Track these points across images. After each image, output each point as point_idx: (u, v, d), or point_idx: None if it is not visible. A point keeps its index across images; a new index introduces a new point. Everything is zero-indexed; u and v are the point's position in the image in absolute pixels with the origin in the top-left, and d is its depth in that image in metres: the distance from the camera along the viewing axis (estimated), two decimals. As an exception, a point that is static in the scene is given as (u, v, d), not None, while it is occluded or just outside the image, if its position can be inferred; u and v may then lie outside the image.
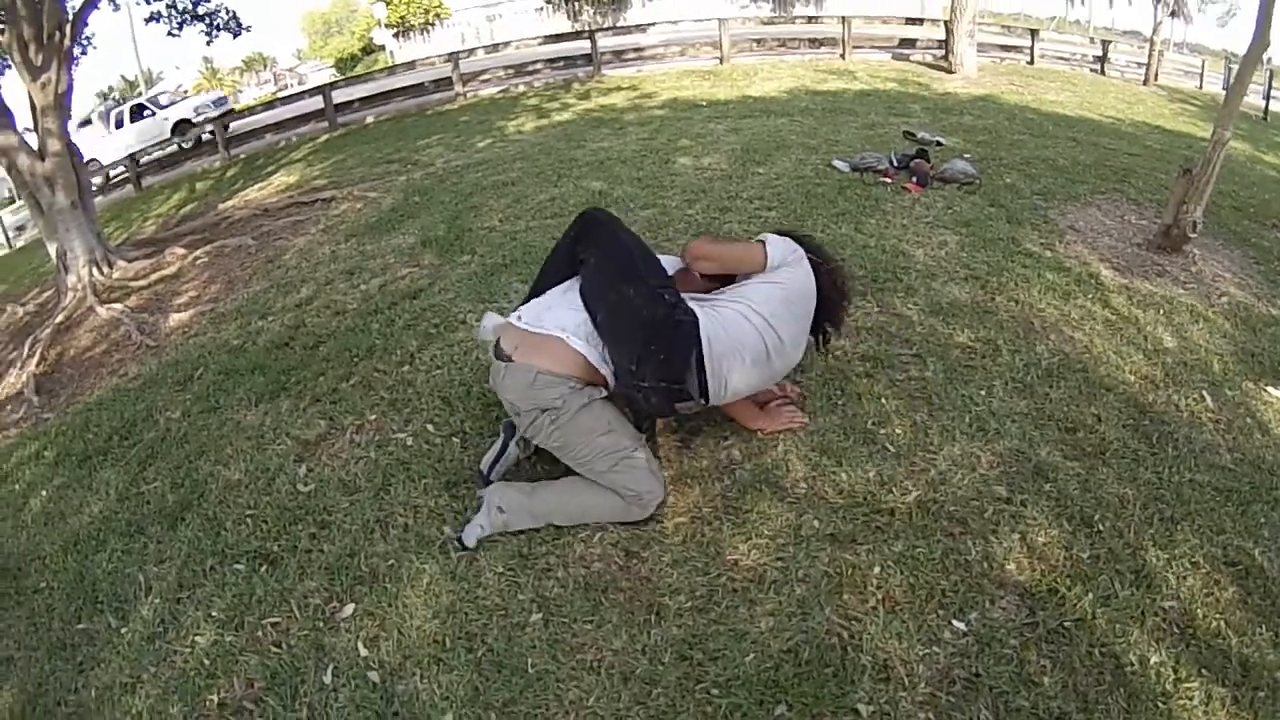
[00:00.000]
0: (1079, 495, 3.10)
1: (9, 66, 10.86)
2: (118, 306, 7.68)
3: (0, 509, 4.55)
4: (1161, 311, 4.64)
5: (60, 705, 2.98)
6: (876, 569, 2.79)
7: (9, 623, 3.53)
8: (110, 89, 70.18)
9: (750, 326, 3.03)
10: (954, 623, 2.59)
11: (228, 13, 16.04)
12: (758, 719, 2.37)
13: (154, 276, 8.59)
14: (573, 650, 2.66)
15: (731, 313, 3.04)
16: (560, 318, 3.09)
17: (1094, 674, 2.42)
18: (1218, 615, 2.61)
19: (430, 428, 3.95)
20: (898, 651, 2.51)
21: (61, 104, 9.25)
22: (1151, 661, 2.45)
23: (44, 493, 4.51)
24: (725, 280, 3.37)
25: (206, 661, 2.91)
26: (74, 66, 9.87)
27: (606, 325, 3.01)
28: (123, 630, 3.21)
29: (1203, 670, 2.42)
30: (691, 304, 3.04)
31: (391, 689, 2.64)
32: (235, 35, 16.20)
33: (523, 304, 3.38)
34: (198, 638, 3.03)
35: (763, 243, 3.30)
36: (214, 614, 3.11)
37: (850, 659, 2.50)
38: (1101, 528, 2.94)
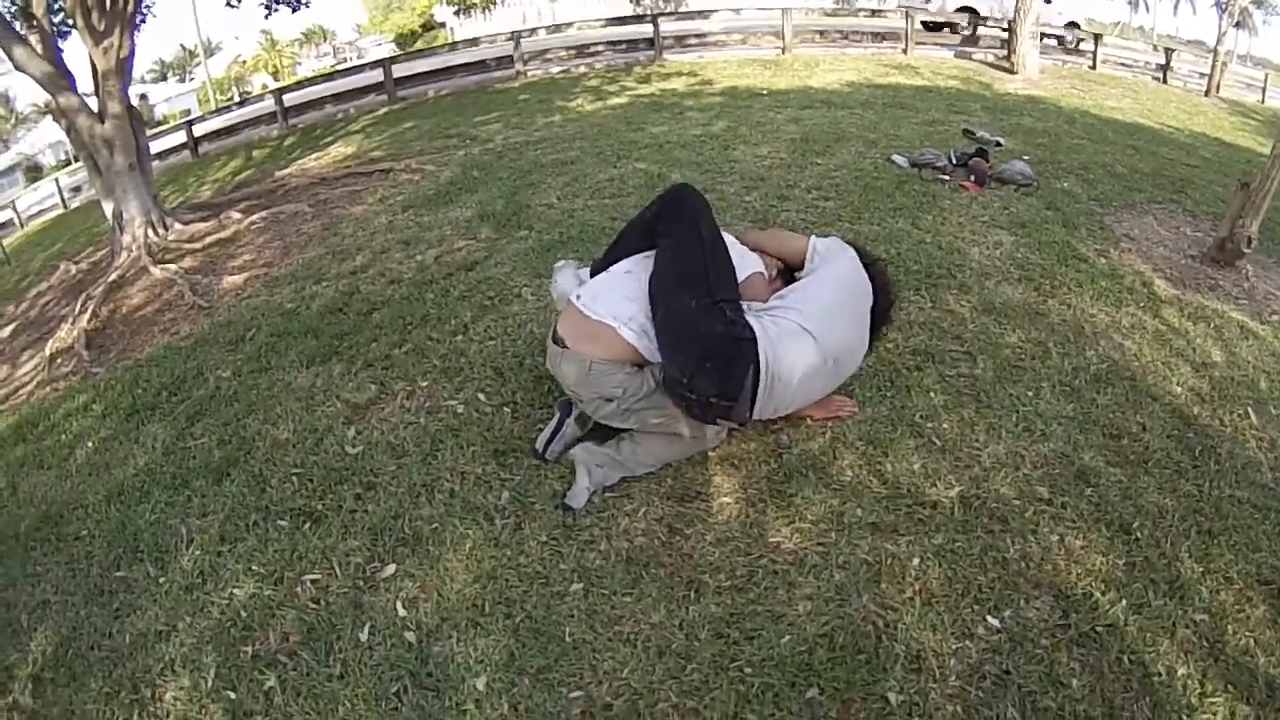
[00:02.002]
0: (1119, 502, 3.08)
1: (71, 31, 11.00)
2: (171, 267, 7.80)
3: (46, 458, 4.66)
4: (1212, 325, 4.58)
5: (94, 649, 3.05)
6: (915, 560, 2.80)
7: (48, 568, 3.62)
8: (160, 61, 71.14)
9: (809, 339, 2.98)
10: (988, 619, 2.59)
11: (288, -15, 16.11)
12: (789, 700, 2.39)
13: (209, 239, 8.69)
14: (610, 621, 2.69)
15: (787, 324, 2.99)
16: (615, 305, 3.09)
17: (1121, 680, 2.41)
18: (1248, 633, 2.59)
19: (481, 396, 3.97)
20: (931, 643, 2.52)
21: (123, 69, 9.40)
22: (1179, 673, 2.44)
23: (90, 444, 4.61)
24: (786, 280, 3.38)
25: (243, 613, 2.97)
26: (136, 33, 10.01)
27: (664, 327, 3.00)
28: (161, 579, 3.28)
29: (1228, 686, 2.41)
30: (750, 318, 2.99)
31: (427, 649, 2.68)
32: (294, 10, 16.21)
33: (597, 267, 3.43)
34: (236, 590, 3.09)
35: (808, 238, 3.35)
36: (254, 568, 3.17)
37: (884, 647, 2.51)
38: (1139, 536, 2.92)
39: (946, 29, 18.43)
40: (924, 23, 18.47)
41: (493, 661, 2.61)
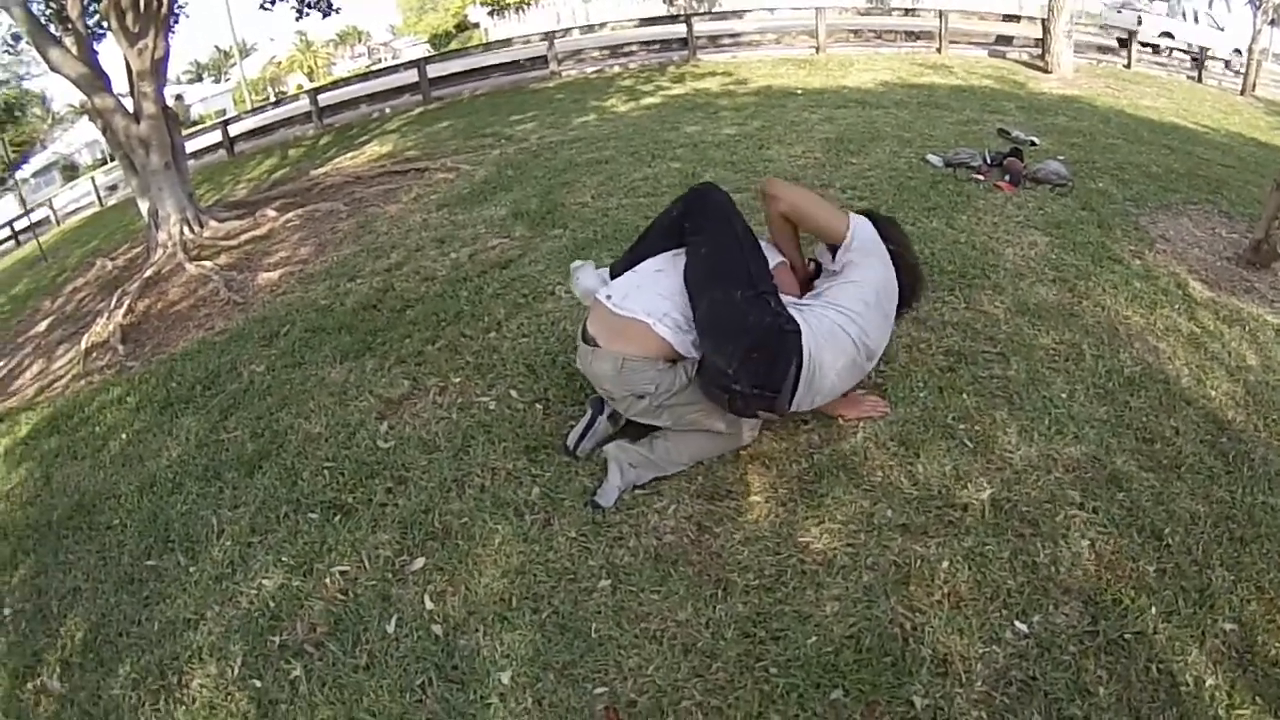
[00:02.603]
0: (1151, 507, 3.04)
1: (106, 33, 11.15)
2: (207, 264, 7.90)
3: (80, 449, 4.74)
4: (1247, 329, 4.51)
5: (123, 636, 3.11)
6: (945, 563, 2.78)
7: (80, 556, 3.69)
8: (196, 62, 71.96)
9: (846, 337, 2.98)
10: (1016, 624, 2.57)
11: (320, -9, 16.22)
12: (813, 701, 2.38)
13: (244, 237, 8.79)
14: (637, 618, 2.70)
15: (829, 323, 2.98)
16: (648, 301, 3.10)
17: (1149, 690, 2.38)
18: (1278, 644, 2.55)
19: (514, 393, 3.99)
20: (958, 647, 2.50)
21: (158, 70, 9.53)
22: (1207, 684, 2.40)
23: (124, 436, 4.69)
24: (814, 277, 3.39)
25: (272, 604, 3.02)
26: (171, 34, 10.13)
27: (707, 320, 2.99)
28: (191, 569, 3.33)
29: (1257, 698, 2.37)
30: (792, 310, 2.98)
31: (453, 643, 2.71)
32: (325, 15, 16.35)
33: (618, 267, 3.42)
34: (265, 580, 3.14)
35: (848, 214, 3.28)
36: (284, 559, 3.21)
37: (910, 650, 2.50)
38: (1170, 542, 2.88)
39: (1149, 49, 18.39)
40: (1119, 39, 18.52)
41: (518, 656, 2.62)
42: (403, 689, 2.59)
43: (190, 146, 15.87)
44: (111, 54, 10.39)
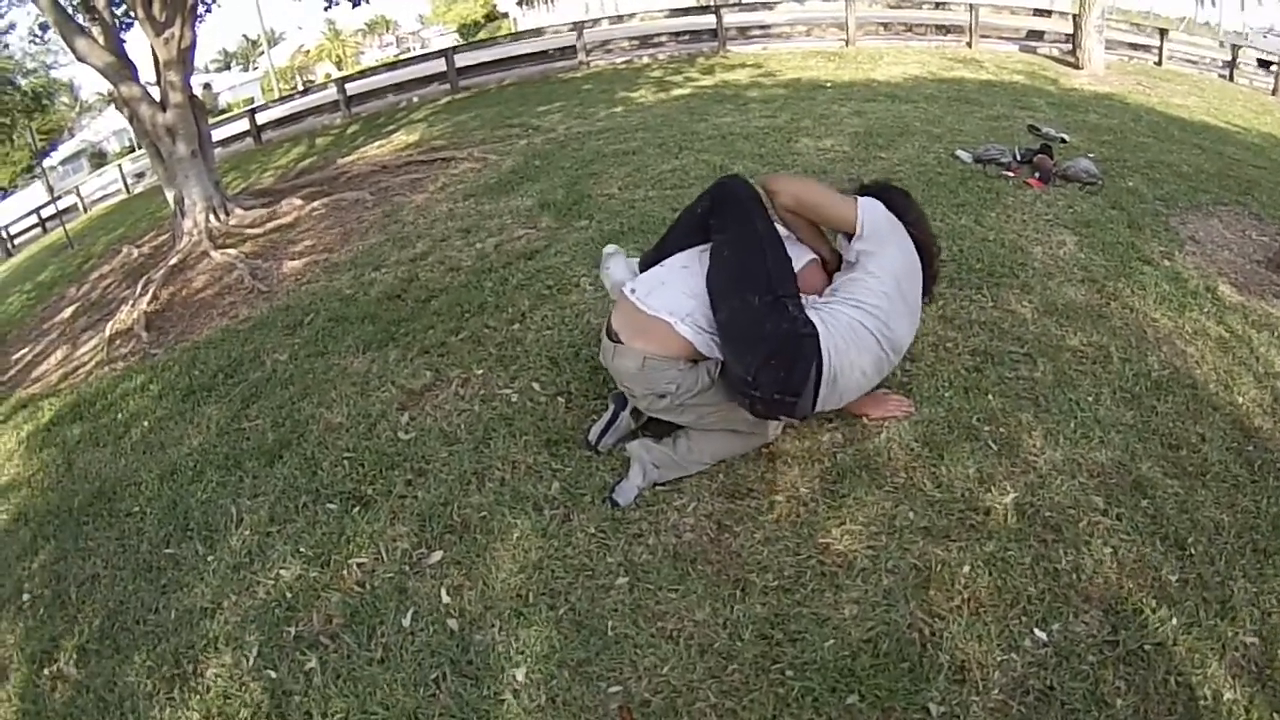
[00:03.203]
0: (1175, 515, 2.99)
1: (133, 22, 11.22)
2: (232, 252, 7.93)
3: (102, 436, 4.79)
4: (1276, 334, 4.43)
5: (139, 623, 3.14)
6: (966, 568, 2.75)
7: (99, 542, 3.73)
8: (224, 51, 72.40)
9: (867, 333, 2.93)
10: (1035, 631, 2.54)
11: (349, -20, 16.20)
12: (829, 705, 2.36)
13: (270, 225, 8.84)
14: (654, 617, 2.69)
15: (848, 320, 2.93)
16: (672, 300, 3.07)
17: (1167, 703, 2.35)
18: (1298, 658, 2.53)
19: (536, 386, 3.99)
20: (976, 654, 2.48)
21: (185, 59, 9.57)
22: (1225, 698, 2.37)
23: (145, 423, 4.73)
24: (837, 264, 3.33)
25: (289, 594, 3.04)
26: (198, 23, 10.17)
27: (726, 328, 2.96)
28: (209, 558, 3.36)
29: (1275, 714, 2.33)
30: (810, 312, 2.93)
31: (469, 638, 2.71)
32: (355, 5, 16.32)
33: (646, 260, 3.40)
34: (283, 571, 3.16)
35: (855, 202, 3.18)
36: (301, 549, 3.23)
37: (928, 656, 2.48)
38: (1193, 552, 2.84)
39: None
40: (1259, 60, 18.38)
41: (533, 652, 2.62)
42: (417, 683, 2.59)
43: (217, 135, 15.97)
44: (139, 43, 10.46)
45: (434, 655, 2.67)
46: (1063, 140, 7.64)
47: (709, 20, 17.95)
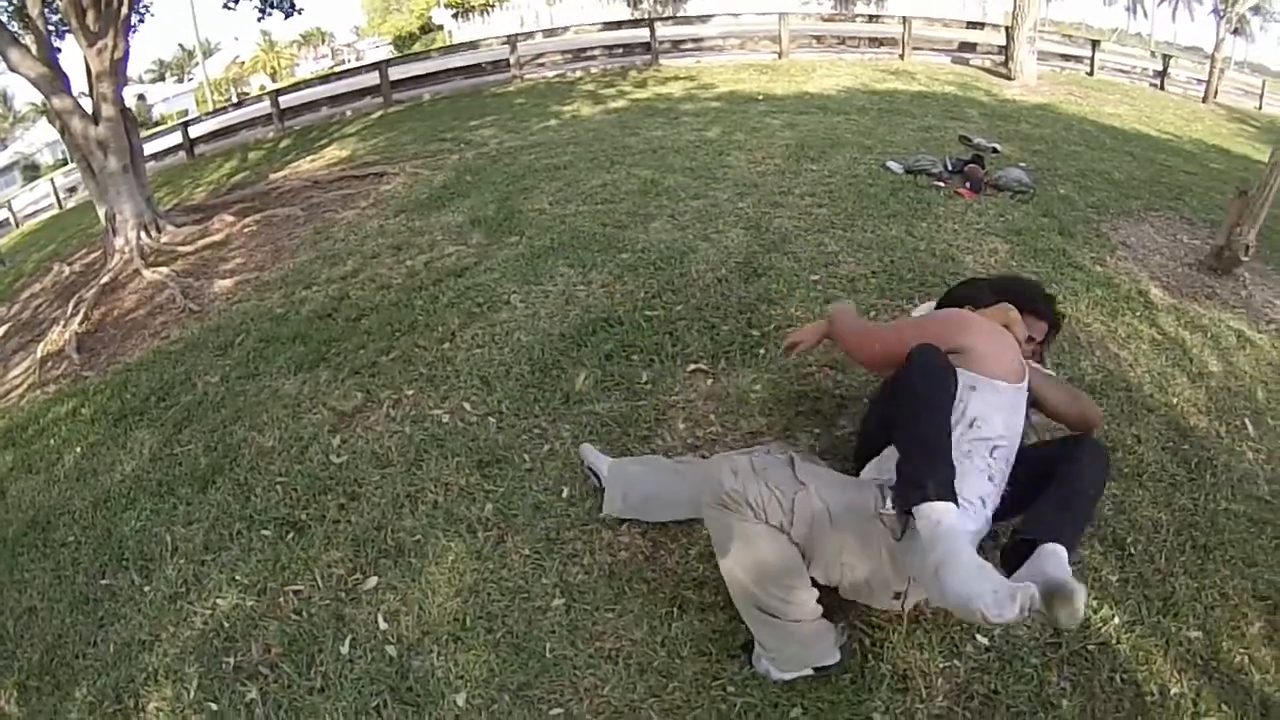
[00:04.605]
0: (1113, 516, 3.05)
1: (67, 31, 10.99)
2: (163, 270, 7.79)
3: (34, 463, 4.67)
4: (1209, 334, 4.55)
5: (78, 658, 3.06)
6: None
7: (35, 574, 3.63)
8: (159, 61, 71.35)
9: None
10: (977, 637, 2.56)
11: (285, -10, 16.03)
12: (772, 719, 2.36)
13: (201, 242, 8.68)
14: (592, 638, 2.67)
15: None
16: None
17: (1113, 700, 2.39)
18: (1242, 649, 2.57)
19: (467, 406, 3.96)
20: (918, 663, 2.49)
21: (118, 70, 9.36)
22: (1172, 692, 2.41)
23: (78, 449, 4.62)
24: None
25: (226, 624, 2.97)
26: (131, 34, 9.98)
27: None
28: (145, 588, 3.28)
29: (1223, 705, 2.38)
30: None
31: (408, 664, 2.67)
32: (287, 15, 16.10)
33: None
34: (219, 600, 3.09)
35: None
36: (237, 578, 3.17)
37: (870, 667, 2.48)
38: (1133, 551, 2.90)
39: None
40: None
41: (473, 677, 2.59)
42: (358, 711, 2.55)
43: (150, 148, 15.72)
44: (72, 53, 10.23)
45: (374, 683, 2.62)
46: (994, 150, 7.75)
47: (642, 33, 17.91)
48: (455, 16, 47.39)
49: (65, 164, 32.15)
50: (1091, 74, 17.84)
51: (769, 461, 2.38)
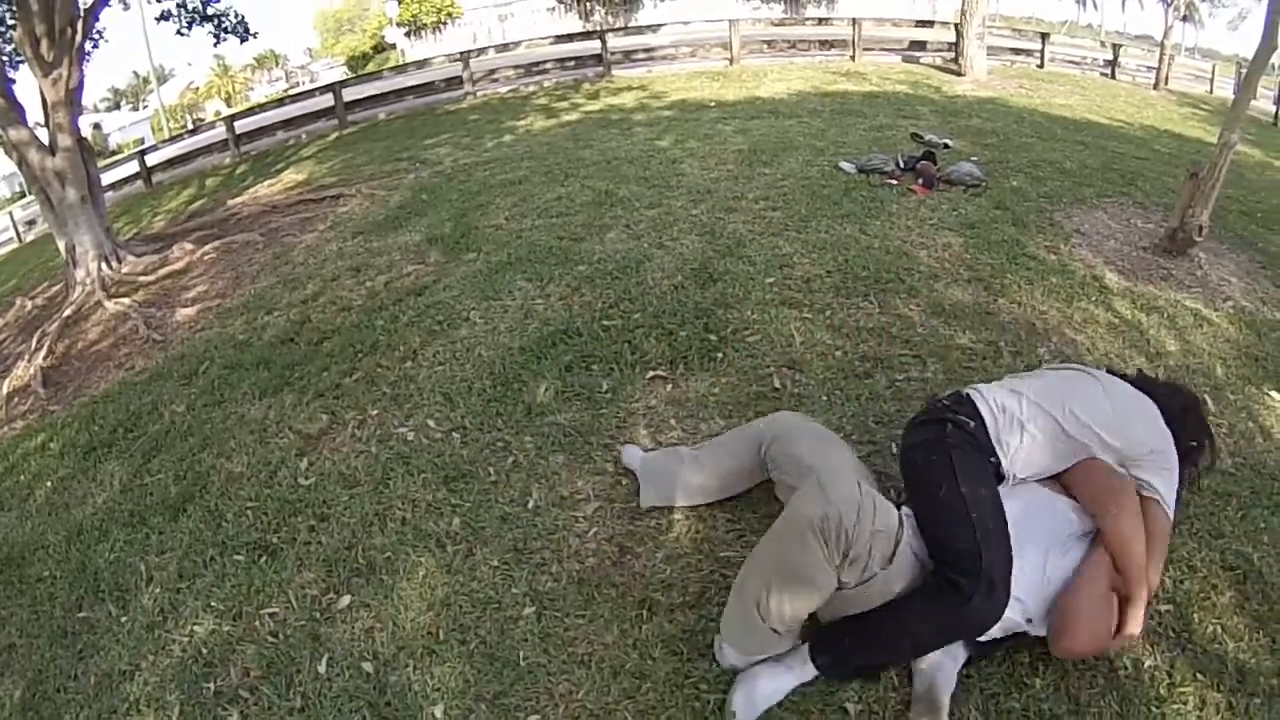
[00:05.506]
0: (1077, 497, 3.09)
1: (21, 62, 10.88)
2: (125, 301, 7.73)
3: (6, 499, 4.62)
4: (1165, 315, 4.62)
5: (60, 692, 3.04)
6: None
7: (12, 611, 3.60)
8: (114, 89, 70.74)
9: None
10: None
11: (236, 15, 15.82)
12: (746, 716, 2.38)
13: (162, 272, 8.62)
14: (564, 644, 2.69)
15: None
16: None
17: (1086, 677, 2.42)
18: (1214, 620, 2.62)
19: (431, 423, 3.99)
20: (889, 652, 2.51)
21: (73, 99, 9.26)
22: (1145, 665, 2.46)
23: (49, 484, 4.58)
24: None
25: (204, 650, 2.97)
26: (85, 62, 9.90)
27: None
28: (123, 619, 3.27)
29: (1198, 675, 2.43)
30: None
31: (384, 679, 2.68)
32: (242, 40, 16.05)
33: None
34: (196, 627, 3.09)
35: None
36: (213, 604, 3.16)
37: (841, 657, 2.51)
38: (1099, 530, 2.94)
39: None
40: None
41: (449, 689, 2.60)
42: (337, 729, 2.56)
43: (107, 178, 15.54)
44: (27, 84, 10.12)
45: (352, 700, 2.63)
46: (946, 146, 7.83)
47: (594, 45, 18.01)
48: (408, 35, 47.11)
49: (23, 196, 31.73)
50: (1042, 66, 18.09)
51: (883, 505, 2.34)
